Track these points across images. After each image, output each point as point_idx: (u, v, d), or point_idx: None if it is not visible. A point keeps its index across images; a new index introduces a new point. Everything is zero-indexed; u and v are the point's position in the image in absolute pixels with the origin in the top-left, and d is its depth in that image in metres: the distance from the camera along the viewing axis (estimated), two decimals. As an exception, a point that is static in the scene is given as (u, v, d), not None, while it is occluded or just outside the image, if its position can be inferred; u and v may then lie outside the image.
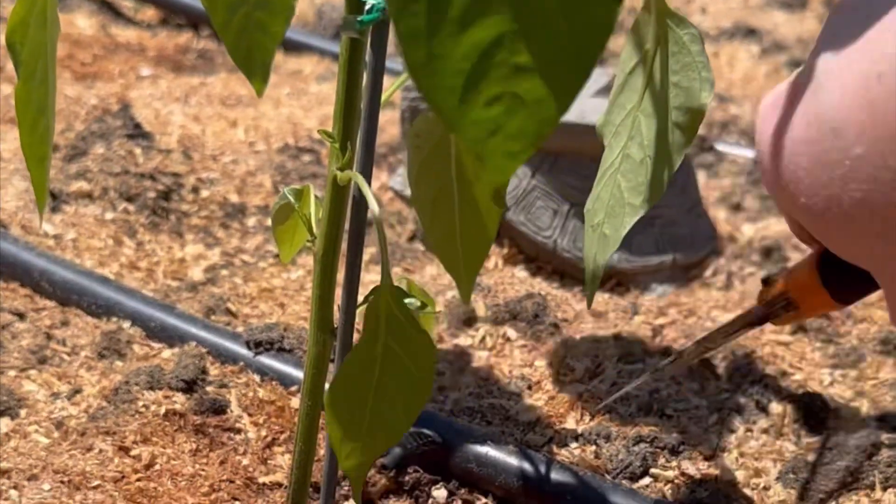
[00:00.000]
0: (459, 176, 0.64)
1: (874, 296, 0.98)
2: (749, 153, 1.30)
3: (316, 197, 0.62)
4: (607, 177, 0.58)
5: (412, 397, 0.57)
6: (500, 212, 0.63)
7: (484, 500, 0.76)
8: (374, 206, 0.53)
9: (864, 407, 0.83)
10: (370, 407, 0.57)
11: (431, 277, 1.00)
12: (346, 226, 0.58)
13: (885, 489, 0.74)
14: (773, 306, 0.64)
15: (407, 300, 0.58)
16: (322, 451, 0.71)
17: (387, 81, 0.56)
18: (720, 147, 1.31)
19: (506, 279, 1.01)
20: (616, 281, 1.03)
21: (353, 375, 0.56)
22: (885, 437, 0.78)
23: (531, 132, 0.41)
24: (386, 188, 1.18)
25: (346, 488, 0.75)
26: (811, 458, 0.77)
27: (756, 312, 0.66)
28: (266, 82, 0.54)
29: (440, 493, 0.77)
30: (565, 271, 1.02)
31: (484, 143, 0.41)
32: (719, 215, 1.17)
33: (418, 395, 0.57)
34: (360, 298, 0.58)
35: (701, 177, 1.24)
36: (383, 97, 0.57)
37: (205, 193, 1.13)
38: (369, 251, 1.07)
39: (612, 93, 0.59)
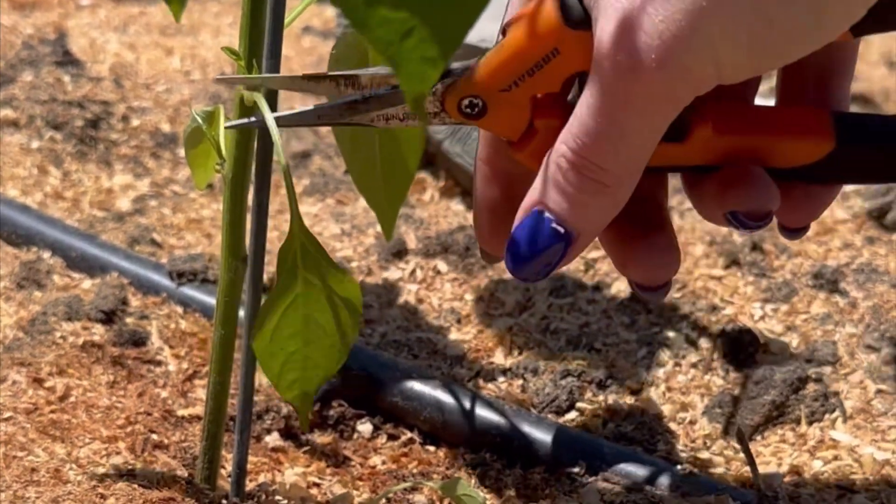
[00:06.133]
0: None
1: (810, 230, 0.97)
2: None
3: (228, 119, 0.60)
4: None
5: (345, 325, 0.55)
6: (421, 144, 0.61)
7: (409, 434, 0.75)
8: (270, 121, 0.51)
9: (794, 341, 0.83)
10: (302, 344, 0.56)
11: (364, 209, 0.98)
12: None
13: (809, 423, 0.74)
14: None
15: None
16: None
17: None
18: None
19: (440, 212, 0.99)
20: (554, 215, 1.01)
21: (279, 316, 0.55)
22: (812, 371, 0.78)
23: (450, 32, 0.38)
24: (323, 119, 1.15)
25: (269, 422, 0.74)
26: (738, 392, 0.77)
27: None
28: (183, 5, 0.52)
29: (365, 427, 0.75)
30: (502, 205, 1.01)
31: (397, 47, 0.38)
32: (662, 151, 1.16)
33: (351, 322, 0.55)
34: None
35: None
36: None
37: (135, 122, 1.10)
38: (302, 183, 1.05)
39: None
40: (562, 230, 0.44)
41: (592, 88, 0.42)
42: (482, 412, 0.73)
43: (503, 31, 0.46)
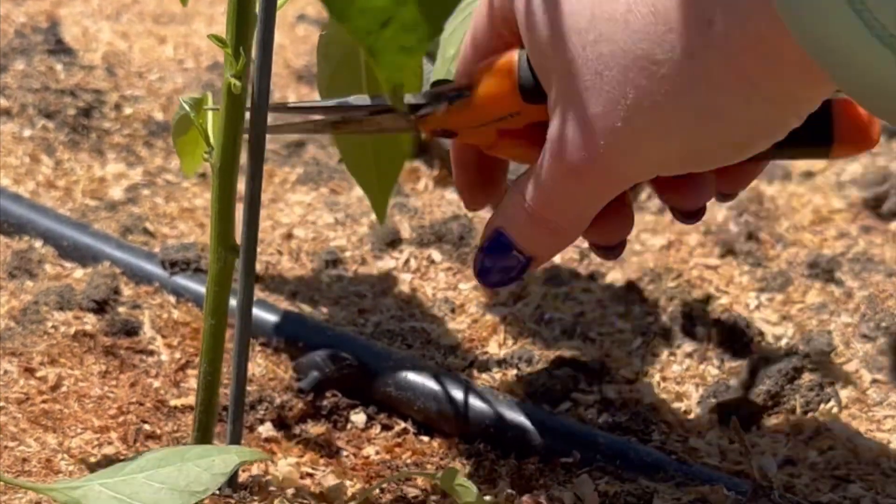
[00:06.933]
0: (371, 88, 0.61)
1: (805, 219, 0.97)
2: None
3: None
4: (465, 14, 0.56)
5: None
6: None
7: (403, 424, 0.75)
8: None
9: (789, 331, 0.82)
10: None
11: (358, 199, 0.98)
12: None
13: (805, 413, 0.74)
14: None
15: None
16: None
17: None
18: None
19: (434, 201, 0.98)
20: (549, 204, 1.01)
21: None
22: (807, 361, 0.77)
23: (427, 22, 0.39)
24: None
25: (262, 412, 0.74)
26: (733, 382, 0.77)
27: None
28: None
29: (359, 417, 0.75)
30: (496, 194, 1.00)
31: (376, 36, 0.38)
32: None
33: None
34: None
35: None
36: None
37: (128, 111, 1.09)
38: (296, 172, 1.04)
39: None
40: (521, 256, 0.51)
41: (546, 164, 0.48)
42: (476, 402, 0.73)
43: (469, 86, 0.51)
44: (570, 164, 0.46)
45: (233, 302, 0.60)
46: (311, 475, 0.69)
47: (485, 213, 0.97)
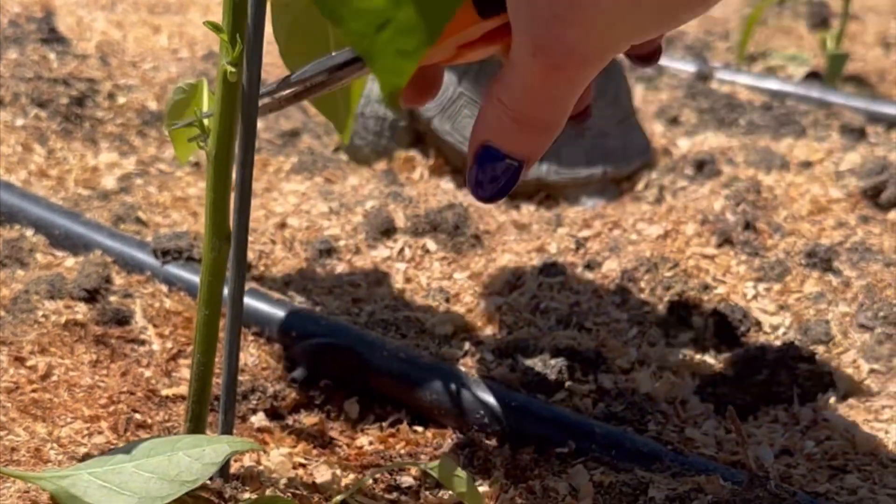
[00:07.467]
0: (337, 37, 0.60)
1: (803, 209, 0.96)
2: (691, 68, 1.28)
3: (212, 92, 0.59)
4: None
5: None
6: None
7: (397, 414, 0.74)
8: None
9: (787, 321, 0.82)
10: None
11: (353, 188, 0.97)
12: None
13: (802, 403, 0.73)
14: None
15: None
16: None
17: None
18: (661, 61, 1.29)
19: (430, 190, 0.98)
20: (545, 194, 1.01)
21: None
22: (804, 350, 0.77)
23: (426, 25, 0.37)
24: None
25: (255, 402, 0.73)
26: (730, 371, 0.76)
27: None
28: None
29: (352, 407, 0.74)
30: (492, 183, 1.00)
31: (372, 39, 0.37)
32: (656, 129, 1.15)
33: None
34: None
35: (639, 90, 1.22)
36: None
37: (121, 100, 1.09)
38: (290, 161, 1.04)
39: None
40: (513, 161, 0.51)
41: (522, 68, 0.48)
42: (470, 392, 0.72)
43: None
44: (548, 61, 0.47)
45: (224, 291, 0.59)
46: (303, 465, 0.68)
47: (480, 203, 0.97)
